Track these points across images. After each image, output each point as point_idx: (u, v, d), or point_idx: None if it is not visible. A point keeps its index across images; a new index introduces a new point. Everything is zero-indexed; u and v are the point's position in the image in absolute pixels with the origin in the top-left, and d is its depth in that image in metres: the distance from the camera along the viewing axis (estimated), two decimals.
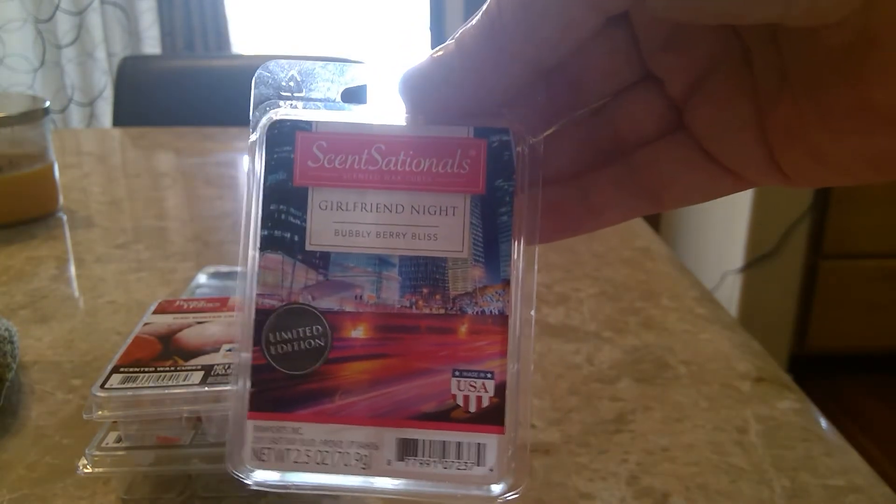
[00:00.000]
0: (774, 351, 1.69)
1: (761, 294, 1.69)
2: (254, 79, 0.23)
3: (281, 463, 0.21)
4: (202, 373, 0.31)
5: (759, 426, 0.38)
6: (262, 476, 0.21)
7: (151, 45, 2.18)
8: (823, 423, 0.39)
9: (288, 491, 0.22)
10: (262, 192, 0.22)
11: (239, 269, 0.22)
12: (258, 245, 0.22)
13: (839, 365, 1.79)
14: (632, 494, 0.33)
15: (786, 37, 0.18)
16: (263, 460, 0.21)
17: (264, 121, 0.22)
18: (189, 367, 0.31)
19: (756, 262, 1.67)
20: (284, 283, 0.22)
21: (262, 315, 0.22)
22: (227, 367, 0.31)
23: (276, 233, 0.22)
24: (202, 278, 0.53)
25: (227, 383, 0.30)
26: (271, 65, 0.23)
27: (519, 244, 0.21)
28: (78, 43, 2.13)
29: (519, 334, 0.22)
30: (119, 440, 0.31)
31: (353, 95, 0.23)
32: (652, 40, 0.21)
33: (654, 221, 2.05)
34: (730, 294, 1.73)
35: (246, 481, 0.21)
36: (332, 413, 0.21)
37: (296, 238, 0.22)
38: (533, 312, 0.22)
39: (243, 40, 2.29)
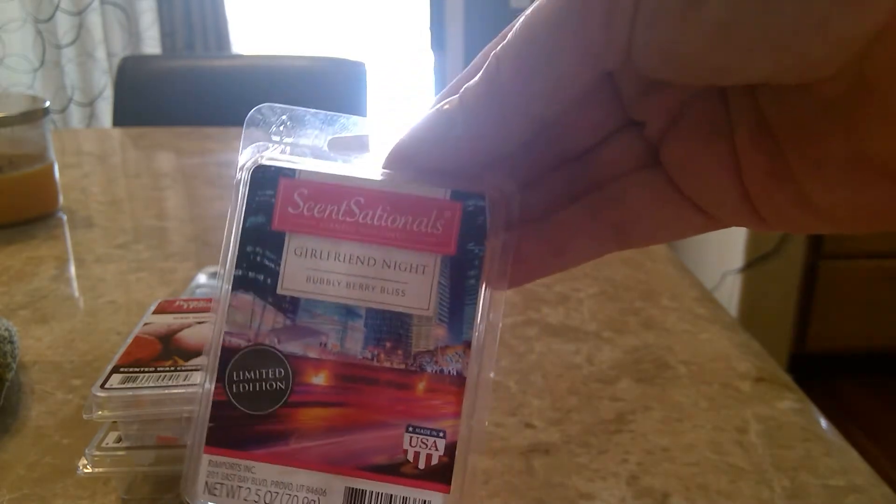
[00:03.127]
0: (774, 351, 1.69)
1: (761, 294, 1.69)
2: (246, 119, 0.23)
3: (231, 500, 0.22)
4: (202, 373, 0.30)
5: (759, 426, 0.38)
6: None
7: (151, 45, 2.18)
8: (823, 423, 0.39)
9: None
10: (241, 232, 0.22)
11: (212, 303, 0.22)
12: (231, 284, 0.22)
13: (839, 365, 1.79)
14: (632, 494, 0.33)
15: (767, 89, 0.18)
16: (215, 494, 0.22)
17: (250, 163, 0.23)
18: (189, 367, 0.31)
19: (756, 262, 1.67)
20: (253, 323, 0.22)
21: (227, 353, 0.22)
22: None
23: (250, 274, 0.22)
24: (202, 278, 0.53)
25: None
26: (264, 108, 0.23)
27: (486, 293, 0.22)
28: (78, 43, 2.13)
29: (475, 396, 0.22)
30: (119, 440, 0.31)
31: (358, 144, 0.23)
32: (633, 88, 0.21)
33: None
34: (730, 294, 1.73)
35: None
36: (285, 455, 0.22)
37: (268, 281, 0.22)
38: (492, 375, 0.22)
39: (243, 40, 2.29)
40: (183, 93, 1.35)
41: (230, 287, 0.22)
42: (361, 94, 1.37)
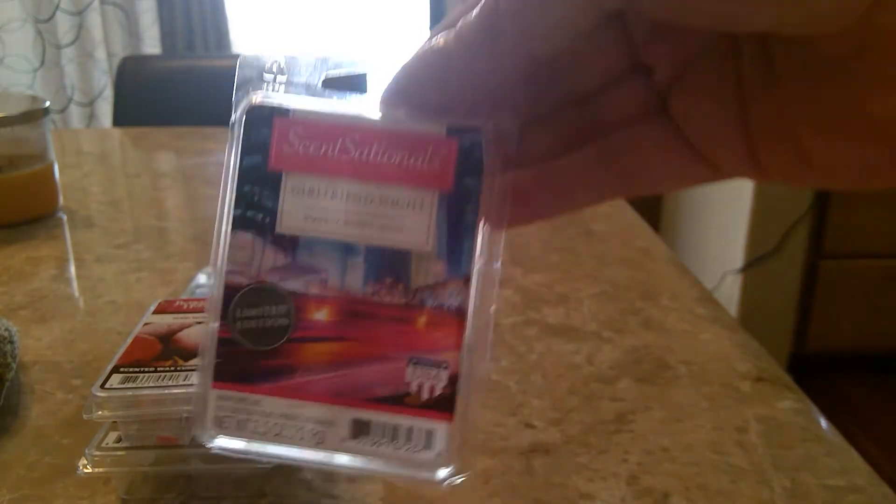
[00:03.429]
0: (774, 351, 1.69)
1: (761, 294, 1.69)
2: (238, 60, 0.23)
3: (240, 432, 0.22)
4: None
5: (759, 426, 0.38)
6: (223, 442, 0.22)
7: (151, 45, 2.18)
8: (823, 423, 0.39)
9: (248, 458, 0.22)
10: (238, 172, 0.22)
11: (212, 243, 0.23)
12: (231, 223, 0.22)
13: (839, 365, 1.79)
14: (632, 494, 0.33)
15: (777, 40, 0.18)
16: (224, 427, 0.22)
17: (244, 103, 0.23)
18: (189, 367, 0.31)
19: (756, 262, 1.67)
20: (254, 262, 0.22)
21: (230, 291, 0.22)
22: None
23: (249, 213, 0.22)
24: (202, 278, 0.53)
25: None
26: (258, 51, 0.24)
27: (484, 231, 0.22)
28: (78, 43, 2.13)
29: (475, 329, 0.22)
30: (119, 440, 0.31)
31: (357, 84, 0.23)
32: (643, 31, 0.21)
33: (654, 221, 2.05)
34: (730, 294, 1.73)
35: (208, 445, 0.22)
36: (291, 389, 0.22)
37: (267, 220, 0.22)
38: (492, 309, 0.22)
39: (243, 40, 2.29)
40: (183, 93, 1.35)
41: (230, 227, 0.22)
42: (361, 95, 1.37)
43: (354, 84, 0.24)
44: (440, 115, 0.22)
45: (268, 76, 0.23)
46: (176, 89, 1.35)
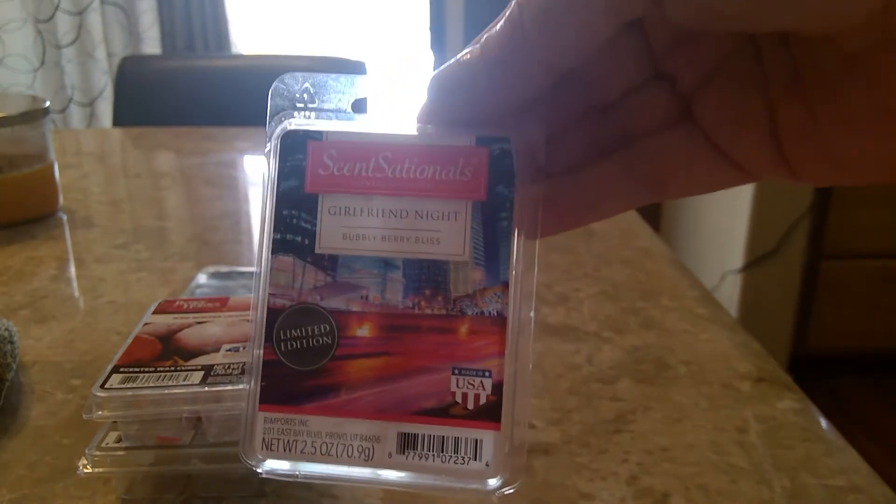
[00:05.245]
0: (774, 351, 1.69)
1: (761, 294, 1.69)
2: (270, 91, 0.24)
3: (289, 453, 0.22)
4: (202, 373, 0.31)
5: (759, 426, 0.38)
6: (272, 465, 0.22)
7: (151, 45, 2.18)
8: (823, 423, 0.39)
9: (296, 480, 0.22)
10: (276, 197, 0.23)
11: (254, 269, 0.23)
12: (271, 248, 0.23)
13: (839, 365, 1.79)
14: (632, 494, 0.33)
15: (798, 40, 0.18)
16: (273, 450, 0.22)
17: (278, 131, 0.23)
18: (189, 367, 0.31)
19: (756, 262, 1.67)
20: (295, 283, 0.23)
21: (273, 314, 0.23)
22: (227, 367, 0.31)
23: (288, 236, 0.23)
24: (202, 278, 0.53)
25: (227, 383, 0.30)
26: (286, 77, 0.24)
27: (519, 239, 0.22)
28: (78, 43, 2.13)
29: (517, 334, 0.22)
30: (119, 440, 0.31)
31: (357, 106, 0.24)
32: (664, 39, 0.21)
33: (655, 221, 2.05)
34: (730, 294, 1.73)
35: (258, 470, 0.22)
36: (337, 407, 0.22)
37: (306, 242, 0.23)
38: (532, 314, 0.22)
39: (243, 40, 2.29)
40: (183, 93, 1.35)
41: (270, 251, 0.23)
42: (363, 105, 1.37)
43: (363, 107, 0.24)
44: (469, 128, 0.22)
45: (299, 104, 0.24)
46: (176, 89, 1.35)
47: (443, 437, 0.22)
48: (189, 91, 1.35)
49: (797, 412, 0.40)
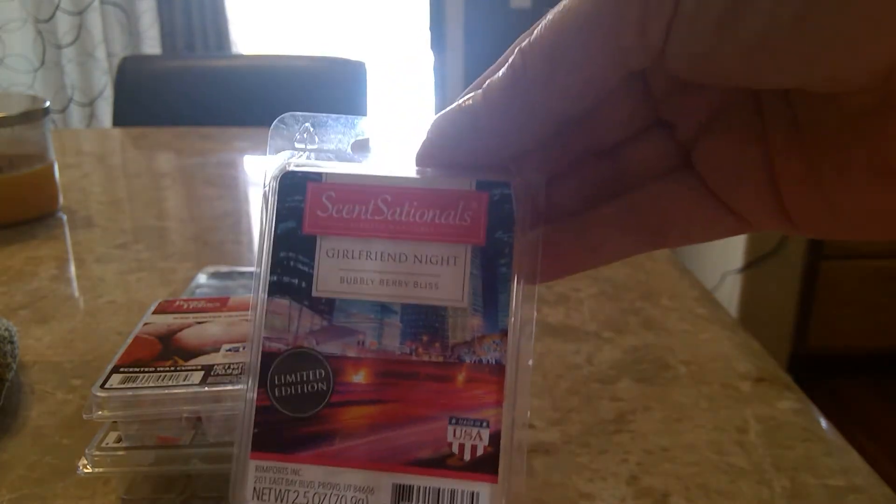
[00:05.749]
0: (774, 351, 1.69)
1: (761, 294, 1.69)
2: (270, 130, 0.24)
3: (280, 503, 0.22)
4: (202, 373, 0.31)
5: (759, 426, 0.38)
6: None
7: (151, 45, 2.18)
8: (823, 423, 0.39)
9: None
10: (273, 239, 0.23)
11: (249, 313, 0.23)
12: (267, 290, 0.23)
13: (839, 365, 1.79)
14: (632, 494, 0.33)
15: (799, 95, 0.18)
16: (264, 499, 0.22)
17: (277, 171, 0.23)
18: (189, 367, 0.31)
19: (756, 262, 1.67)
20: (291, 327, 0.22)
21: (268, 358, 0.22)
22: (227, 367, 0.31)
23: (285, 279, 0.23)
24: (202, 278, 0.53)
25: (227, 383, 0.30)
26: (286, 117, 0.24)
27: (519, 286, 0.22)
28: (78, 43, 2.13)
29: (515, 383, 0.22)
30: (119, 440, 0.31)
31: (361, 146, 0.23)
32: (664, 87, 0.21)
33: None
34: (730, 294, 1.73)
35: None
36: (331, 456, 0.22)
37: (303, 284, 0.23)
38: (531, 362, 0.22)
39: (243, 40, 2.29)
40: (183, 93, 1.35)
41: (266, 293, 0.22)
42: (361, 94, 1.37)
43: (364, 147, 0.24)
44: (469, 172, 0.22)
45: (298, 144, 0.24)
46: (176, 89, 1.35)
47: (438, 488, 0.21)
48: (189, 91, 1.35)
49: (797, 412, 0.40)
